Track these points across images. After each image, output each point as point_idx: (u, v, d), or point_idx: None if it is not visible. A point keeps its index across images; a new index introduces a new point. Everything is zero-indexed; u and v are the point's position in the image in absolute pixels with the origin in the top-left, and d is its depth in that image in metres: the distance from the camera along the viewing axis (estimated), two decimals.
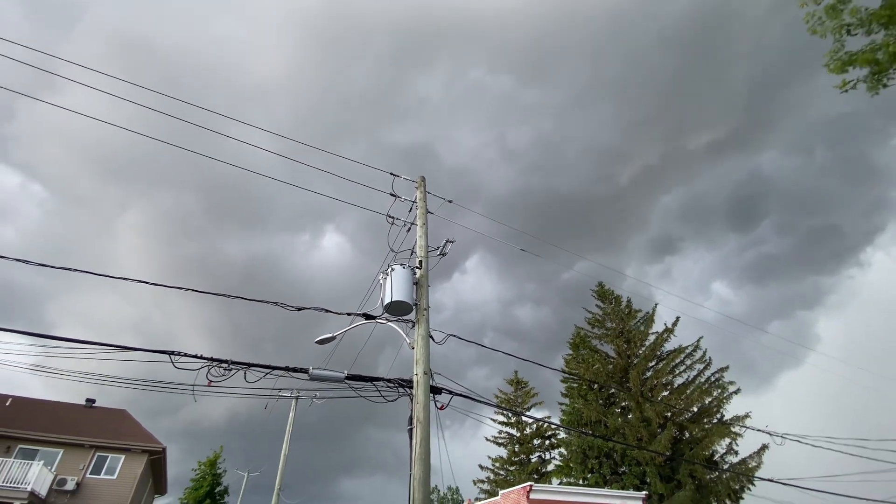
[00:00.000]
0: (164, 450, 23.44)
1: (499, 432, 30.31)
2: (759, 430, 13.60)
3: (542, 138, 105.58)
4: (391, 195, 8.85)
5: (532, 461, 28.62)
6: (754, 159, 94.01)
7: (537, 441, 29.56)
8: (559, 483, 25.17)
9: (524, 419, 29.96)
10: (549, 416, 29.60)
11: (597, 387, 25.27)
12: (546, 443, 29.42)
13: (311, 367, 6.95)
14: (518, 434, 29.86)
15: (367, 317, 7.72)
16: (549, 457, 28.88)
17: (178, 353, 6.26)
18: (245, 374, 6.60)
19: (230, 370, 6.48)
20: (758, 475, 19.79)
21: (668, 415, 22.49)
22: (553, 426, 28.68)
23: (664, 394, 23.70)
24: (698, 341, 24.39)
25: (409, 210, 8.92)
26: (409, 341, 7.38)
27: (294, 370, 6.84)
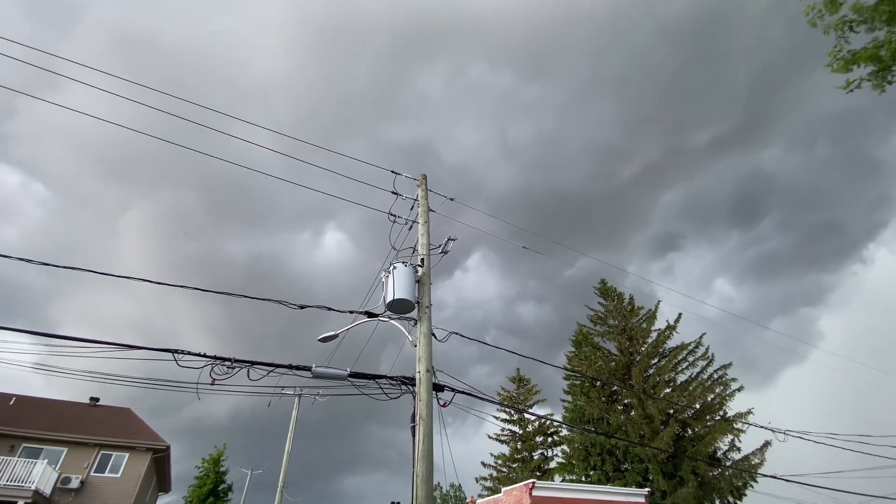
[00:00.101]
0: (168, 448, 23.53)
1: (501, 429, 30.39)
2: (761, 427, 13.59)
3: (543, 136, 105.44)
4: (392, 193, 8.85)
5: (535, 458, 28.66)
6: (756, 156, 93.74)
7: (540, 438, 29.59)
8: (562, 480, 25.19)
9: (527, 416, 30.01)
10: (552, 413, 29.69)
11: (599, 384, 25.28)
12: (548, 440, 29.44)
13: (313, 365, 6.97)
14: (520, 431, 29.90)
15: (370, 315, 7.73)
16: (551, 454, 28.93)
17: (182, 352, 6.27)
18: (248, 372, 6.62)
19: (233, 368, 6.50)
20: (760, 472, 19.83)
21: (671, 412, 22.49)
22: (555, 423, 28.72)
23: (666, 391, 23.70)
24: (700, 338, 24.39)
25: (411, 208, 8.92)
26: (411, 339, 7.39)
27: (297, 368, 6.86)
